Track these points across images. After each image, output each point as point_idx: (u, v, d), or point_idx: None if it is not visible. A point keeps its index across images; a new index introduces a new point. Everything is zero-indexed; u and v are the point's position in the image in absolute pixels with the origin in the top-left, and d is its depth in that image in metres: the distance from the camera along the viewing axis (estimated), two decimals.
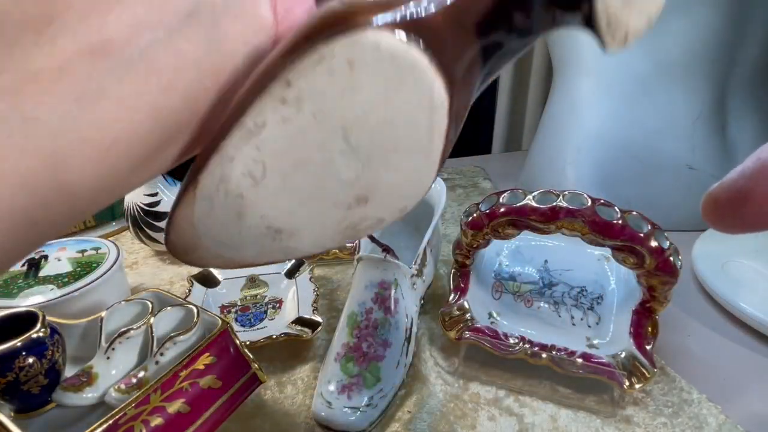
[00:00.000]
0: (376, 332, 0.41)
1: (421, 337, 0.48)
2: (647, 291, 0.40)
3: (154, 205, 0.56)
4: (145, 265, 0.62)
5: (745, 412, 0.39)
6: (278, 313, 0.51)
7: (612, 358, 0.40)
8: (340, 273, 0.60)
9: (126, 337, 0.34)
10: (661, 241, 0.37)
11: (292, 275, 0.55)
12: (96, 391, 0.32)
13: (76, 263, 0.47)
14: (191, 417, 0.31)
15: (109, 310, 0.36)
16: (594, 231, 0.37)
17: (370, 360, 0.40)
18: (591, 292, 0.46)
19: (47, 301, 0.42)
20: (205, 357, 0.33)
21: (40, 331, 0.31)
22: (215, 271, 0.54)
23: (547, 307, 0.46)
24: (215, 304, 0.52)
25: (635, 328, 0.41)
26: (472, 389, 0.42)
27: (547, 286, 0.47)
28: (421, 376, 0.43)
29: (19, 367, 0.30)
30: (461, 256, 0.46)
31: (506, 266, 0.49)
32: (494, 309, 0.46)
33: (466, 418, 0.39)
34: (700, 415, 0.39)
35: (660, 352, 0.45)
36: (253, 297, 0.53)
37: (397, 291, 0.43)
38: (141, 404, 0.29)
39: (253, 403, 0.40)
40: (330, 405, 0.38)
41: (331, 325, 0.50)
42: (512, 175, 0.85)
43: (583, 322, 0.44)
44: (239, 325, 0.49)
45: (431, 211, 0.52)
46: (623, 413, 0.39)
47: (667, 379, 0.42)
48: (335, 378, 0.39)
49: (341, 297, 0.55)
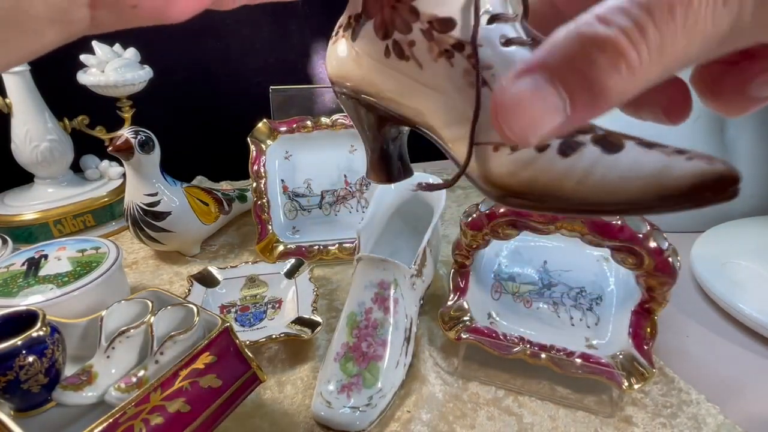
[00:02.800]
0: (376, 332, 0.41)
1: (421, 337, 0.48)
2: (646, 291, 0.40)
3: (154, 205, 0.56)
4: (145, 265, 0.62)
5: (744, 412, 0.40)
6: (278, 313, 0.51)
7: (611, 358, 0.40)
8: (339, 273, 0.60)
9: (126, 337, 0.34)
10: (660, 241, 0.37)
11: (292, 275, 0.55)
12: (96, 390, 0.32)
13: (75, 263, 0.47)
14: (191, 416, 0.31)
15: (109, 310, 0.36)
16: (593, 231, 0.37)
17: (369, 360, 0.40)
18: (590, 293, 0.46)
19: (47, 300, 0.42)
20: (205, 356, 0.33)
21: (40, 330, 0.31)
22: (215, 271, 0.55)
23: (547, 308, 0.46)
24: (215, 304, 0.52)
25: (634, 329, 0.41)
26: (471, 389, 0.42)
27: (546, 287, 0.47)
28: (420, 376, 0.43)
29: (19, 365, 0.30)
30: (461, 257, 0.46)
31: (506, 267, 0.49)
32: (493, 309, 0.47)
33: (465, 417, 0.39)
34: (699, 415, 0.39)
35: (659, 353, 0.45)
36: (253, 297, 0.53)
37: (396, 291, 0.43)
38: (141, 403, 0.29)
39: (253, 403, 0.40)
40: (329, 405, 0.38)
41: (331, 325, 0.50)
42: None
43: (582, 322, 0.44)
44: (239, 324, 0.49)
45: (431, 212, 0.52)
46: (622, 413, 0.39)
47: (666, 379, 0.42)
48: (335, 378, 0.39)
49: (341, 297, 0.55)
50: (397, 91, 0.21)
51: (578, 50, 0.13)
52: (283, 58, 0.84)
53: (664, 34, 0.12)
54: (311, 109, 0.66)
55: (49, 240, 0.53)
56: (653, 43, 0.12)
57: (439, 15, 0.19)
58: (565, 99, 0.13)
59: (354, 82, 0.22)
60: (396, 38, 0.20)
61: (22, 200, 0.66)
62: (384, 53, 0.20)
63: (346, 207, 0.65)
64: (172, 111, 0.82)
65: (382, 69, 0.21)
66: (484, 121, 0.19)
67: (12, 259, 0.48)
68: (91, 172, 0.71)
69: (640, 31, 0.12)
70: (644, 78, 0.13)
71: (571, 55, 0.13)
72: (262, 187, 0.62)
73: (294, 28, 0.82)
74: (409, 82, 0.20)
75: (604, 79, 0.13)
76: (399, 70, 0.20)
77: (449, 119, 0.20)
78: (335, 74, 0.23)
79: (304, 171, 0.65)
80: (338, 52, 0.22)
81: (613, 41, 0.12)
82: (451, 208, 0.75)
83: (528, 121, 0.14)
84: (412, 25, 0.19)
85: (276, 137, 0.64)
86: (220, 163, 0.85)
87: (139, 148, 0.53)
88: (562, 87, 0.13)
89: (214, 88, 0.83)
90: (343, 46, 0.22)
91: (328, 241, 0.62)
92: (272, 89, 0.66)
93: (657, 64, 0.13)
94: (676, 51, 0.13)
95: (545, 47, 0.14)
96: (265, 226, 0.62)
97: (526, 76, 0.14)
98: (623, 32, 0.12)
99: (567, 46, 0.13)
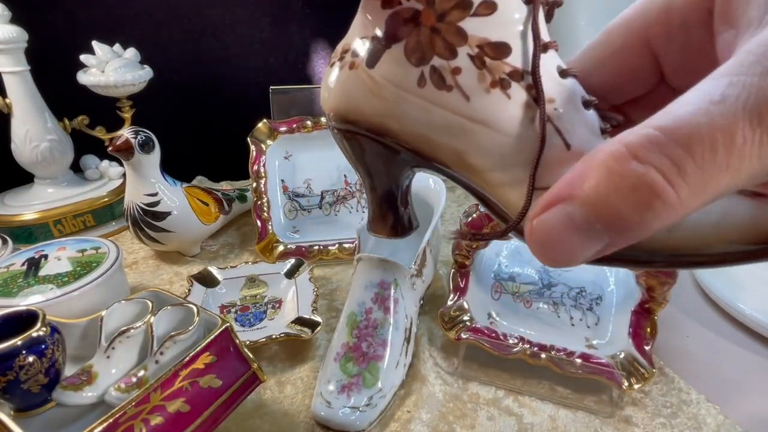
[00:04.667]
0: (376, 332, 0.41)
1: (421, 337, 0.48)
2: (646, 291, 0.40)
3: (154, 205, 0.56)
4: (145, 265, 0.62)
5: (744, 412, 0.40)
6: (278, 313, 0.51)
7: (611, 358, 0.40)
8: (339, 273, 0.60)
9: (126, 337, 0.34)
10: None
11: (292, 275, 0.55)
12: (96, 390, 0.32)
13: (75, 263, 0.47)
14: (191, 416, 0.31)
15: (109, 310, 0.36)
16: None
17: (369, 360, 0.40)
18: (590, 293, 0.46)
19: (47, 300, 0.42)
20: (205, 356, 0.33)
21: (40, 330, 0.31)
22: (215, 271, 0.55)
23: (547, 308, 0.46)
24: (215, 304, 0.52)
25: (634, 329, 0.41)
26: (471, 389, 0.42)
27: (546, 287, 0.47)
28: (420, 376, 0.43)
29: (19, 365, 0.30)
30: (461, 257, 0.46)
31: (505, 267, 0.49)
32: (493, 309, 0.47)
33: (465, 417, 0.39)
34: (699, 415, 0.39)
35: (659, 353, 0.45)
36: (253, 297, 0.53)
37: (396, 291, 0.43)
38: (141, 403, 0.29)
39: (253, 403, 0.40)
40: (329, 405, 0.38)
41: (331, 325, 0.50)
42: None
43: (582, 322, 0.44)
44: (239, 324, 0.49)
45: (431, 212, 0.52)
46: (622, 413, 0.39)
47: (666, 379, 0.42)
48: (335, 378, 0.39)
49: (341, 297, 0.55)
50: (431, 126, 0.18)
51: (611, 186, 0.12)
52: (283, 58, 0.84)
53: (705, 171, 0.11)
54: (311, 109, 0.66)
55: (49, 240, 0.53)
56: (693, 182, 0.12)
57: (492, 39, 0.17)
58: (603, 230, 0.13)
59: (369, 117, 0.19)
60: (435, 64, 0.17)
61: (22, 200, 0.66)
62: (417, 82, 0.17)
63: (346, 207, 0.65)
64: (172, 111, 0.82)
65: (412, 101, 0.18)
66: (543, 163, 0.17)
67: (12, 259, 0.48)
68: (91, 172, 0.71)
69: (678, 170, 0.11)
70: (684, 211, 0.12)
71: (604, 191, 0.12)
72: (262, 187, 0.62)
73: (294, 28, 0.82)
74: (450, 117, 0.17)
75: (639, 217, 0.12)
76: (437, 102, 0.17)
77: (500, 160, 0.17)
78: (341, 108, 0.19)
79: (304, 171, 0.65)
80: (345, 82, 0.19)
81: (648, 182, 0.12)
82: (451, 207, 0.75)
83: (566, 252, 0.14)
84: (457, 49, 0.17)
85: (276, 137, 0.64)
86: (220, 163, 0.85)
87: (139, 148, 0.53)
88: (596, 220, 0.13)
89: (214, 88, 0.83)
90: (353, 74, 0.18)
91: (328, 241, 0.62)
92: (272, 89, 0.66)
93: (698, 199, 0.12)
94: (719, 186, 0.12)
95: (576, 173, 0.13)
96: (265, 226, 0.62)
97: (560, 206, 0.13)
98: (659, 171, 0.12)
99: (599, 179, 0.12)
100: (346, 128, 0.20)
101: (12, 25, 0.59)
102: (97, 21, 0.73)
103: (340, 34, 0.21)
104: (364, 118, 0.19)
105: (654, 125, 0.12)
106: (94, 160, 0.72)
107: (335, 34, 0.91)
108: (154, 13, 0.75)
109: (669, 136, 0.12)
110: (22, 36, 0.59)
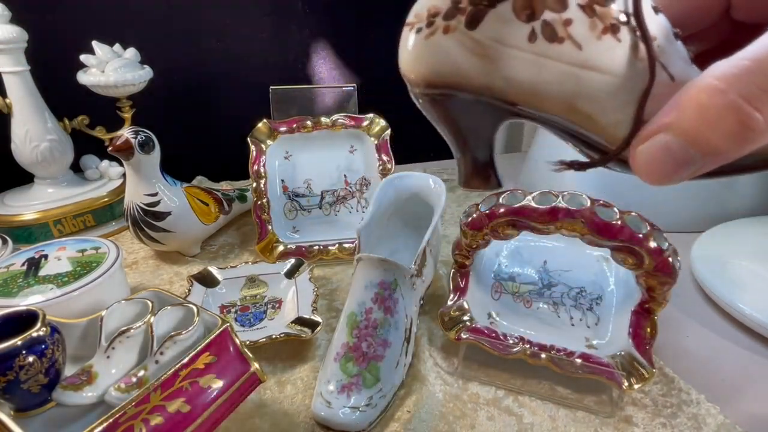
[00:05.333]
0: (376, 332, 0.41)
1: (421, 337, 0.48)
2: (646, 291, 0.40)
3: (154, 205, 0.56)
4: (145, 265, 0.62)
5: (744, 412, 0.40)
6: (278, 313, 0.51)
7: (611, 358, 0.40)
8: (339, 273, 0.60)
9: (126, 337, 0.34)
10: (660, 241, 0.37)
11: (292, 275, 0.55)
12: (96, 390, 0.32)
13: (75, 263, 0.47)
14: (191, 416, 0.31)
15: (109, 310, 0.36)
16: (593, 231, 0.37)
17: (369, 360, 0.40)
18: (590, 293, 0.46)
19: (47, 300, 0.42)
20: (205, 356, 0.33)
21: (40, 330, 0.31)
22: (215, 271, 0.55)
23: (547, 308, 0.46)
24: (215, 304, 0.52)
25: (634, 329, 0.41)
26: (471, 389, 0.42)
27: (546, 287, 0.47)
28: (420, 376, 0.43)
29: (19, 365, 0.30)
30: (461, 257, 0.46)
31: (506, 267, 0.49)
32: (493, 309, 0.47)
33: (465, 417, 0.39)
34: (699, 415, 0.39)
35: (659, 353, 0.45)
36: (253, 297, 0.53)
37: (396, 291, 0.43)
38: (141, 403, 0.29)
39: (253, 403, 0.40)
40: (329, 405, 0.38)
41: (331, 325, 0.50)
42: (512, 176, 0.85)
43: (582, 322, 0.44)
44: (239, 324, 0.49)
45: (431, 212, 0.52)
46: (622, 413, 0.39)
47: (666, 379, 0.42)
48: (335, 378, 0.39)
49: (341, 297, 0.55)
50: (541, 79, 0.18)
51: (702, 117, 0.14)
52: (283, 58, 0.84)
53: None
54: (311, 109, 0.66)
55: (49, 240, 0.53)
56: None
57: None
58: (698, 155, 0.15)
59: (471, 78, 0.19)
60: (546, 18, 0.18)
61: (22, 200, 0.66)
62: (528, 38, 0.18)
63: (346, 207, 0.65)
64: (172, 111, 0.82)
65: (522, 57, 0.18)
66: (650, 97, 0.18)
67: (12, 259, 0.48)
68: (91, 172, 0.71)
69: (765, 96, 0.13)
70: None
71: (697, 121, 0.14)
72: (262, 187, 0.62)
73: (294, 28, 0.82)
74: (563, 67, 0.18)
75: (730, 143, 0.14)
76: (548, 55, 0.18)
77: (610, 102, 0.18)
78: (434, 73, 0.19)
79: (304, 171, 0.65)
80: (439, 47, 0.19)
81: (736, 111, 0.13)
82: (451, 207, 0.75)
83: (666, 175, 0.16)
84: (568, 1, 0.18)
85: (276, 137, 0.64)
86: (220, 163, 0.85)
87: (139, 148, 0.53)
88: (691, 147, 0.15)
89: (214, 88, 0.83)
90: (448, 38, 0.19)
91: (328, 241, 0.62)
92: (272, 89, 0.66)
93: None
94: None
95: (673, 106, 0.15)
96: (265, 226, 0.62)
97: (659, 136, 0.16)
98: (746, 99, 0.13)
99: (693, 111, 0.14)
100: (438, 92, 0.20)
101: (12, 25, 0.59)
102: (97, 21, 0.73)
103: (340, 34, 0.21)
104: (465, 80, 0.19)
105: (745, 57, 0.14)
106: (94, 160, 0.72)
107: (335, 34, 0.91)
108: (154, 13, 0.75)
109: (758, 65, 0.13)
110: (22, 36, 0.59)
